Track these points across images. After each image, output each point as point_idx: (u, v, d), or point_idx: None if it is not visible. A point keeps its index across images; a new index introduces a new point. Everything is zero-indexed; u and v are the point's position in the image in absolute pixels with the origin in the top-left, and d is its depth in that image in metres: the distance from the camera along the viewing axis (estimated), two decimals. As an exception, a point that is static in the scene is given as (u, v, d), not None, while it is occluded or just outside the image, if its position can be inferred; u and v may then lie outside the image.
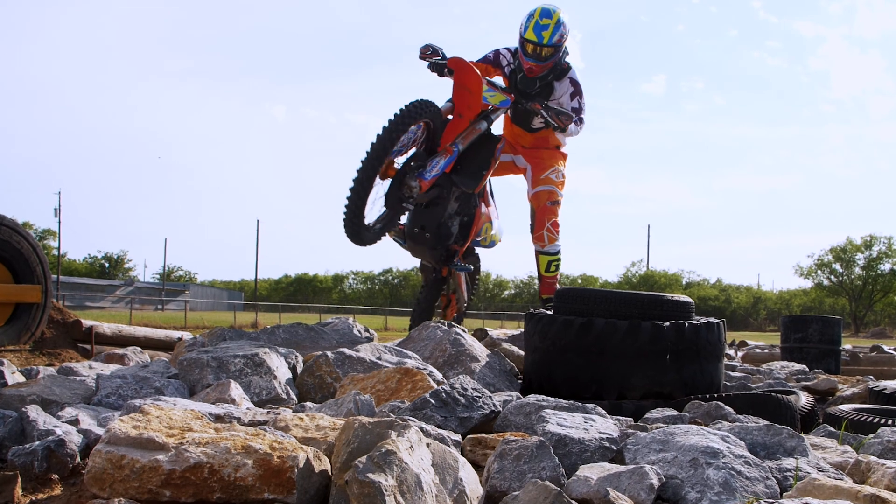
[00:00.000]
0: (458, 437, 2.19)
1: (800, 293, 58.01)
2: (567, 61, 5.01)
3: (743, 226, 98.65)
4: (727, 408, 2.69)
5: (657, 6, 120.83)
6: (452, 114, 4.53)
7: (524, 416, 2.41)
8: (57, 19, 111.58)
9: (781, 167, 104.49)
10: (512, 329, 6.95)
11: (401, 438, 1.67)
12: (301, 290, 68.31)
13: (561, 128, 4.79)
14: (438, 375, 3.08)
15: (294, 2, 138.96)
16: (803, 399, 3.25)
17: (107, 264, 64.56)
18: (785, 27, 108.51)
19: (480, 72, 4.60)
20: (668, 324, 3.11)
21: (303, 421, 2.09)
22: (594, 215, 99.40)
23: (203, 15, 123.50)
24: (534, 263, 5.46)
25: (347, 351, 3.19)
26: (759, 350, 9.73)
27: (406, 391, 2.76)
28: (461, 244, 5.00)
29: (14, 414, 2.23)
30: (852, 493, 1.65)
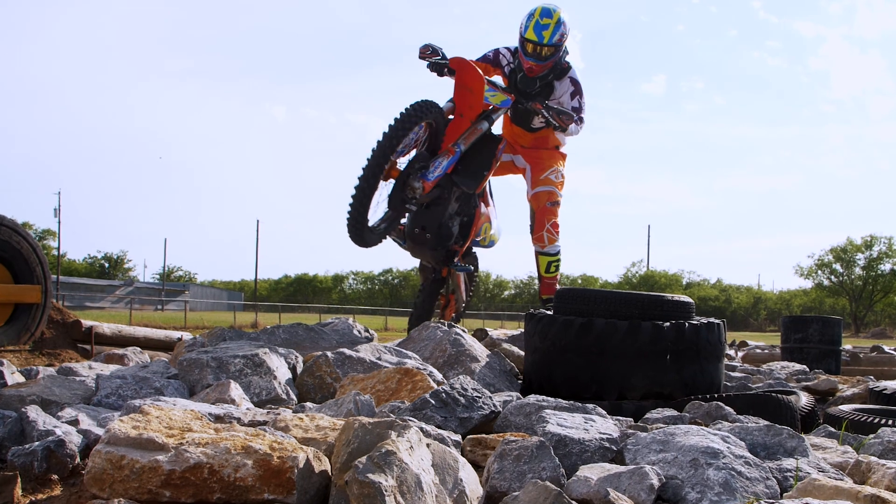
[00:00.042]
0: (458, 437, 2.19)
1: (800, 293, 58.03)
2: (567, 61, 5.01)
3: (743, 226, 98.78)
4: (727, 408, 2.69)
5: (657, 6, 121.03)
6: (453, 114, 4.53)
7: (524, 417, 2.41)
8: (57, 19, 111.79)
9: (781, 167, 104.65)
10: (512, 329, 6.95)
11: (401, 439, 1.67)
12: (301, 291, 68.31)
13: (562, 127, 4.78)
14: (438, 376, 3.08)
15: (294, 2, 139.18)
16: (803, 399, 3.25)
17: (106, 264, 64.56)
18: (785, 27, 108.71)
19: (481, 71, 4.60)
20: (668, 324, 3.11)
21: (303, 421, 2.09)
22: (594, 215, 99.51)
23: (203, 15, 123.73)
24: (534, 264, 5.46)
25: (347, 351, 3.19)
26: (759, 350, 9.73)
27: (406, 391, 2.76)
28: (461, 244, 5.00)
29: (14, 414, 2.23)
30: (852, 494, 1.64)
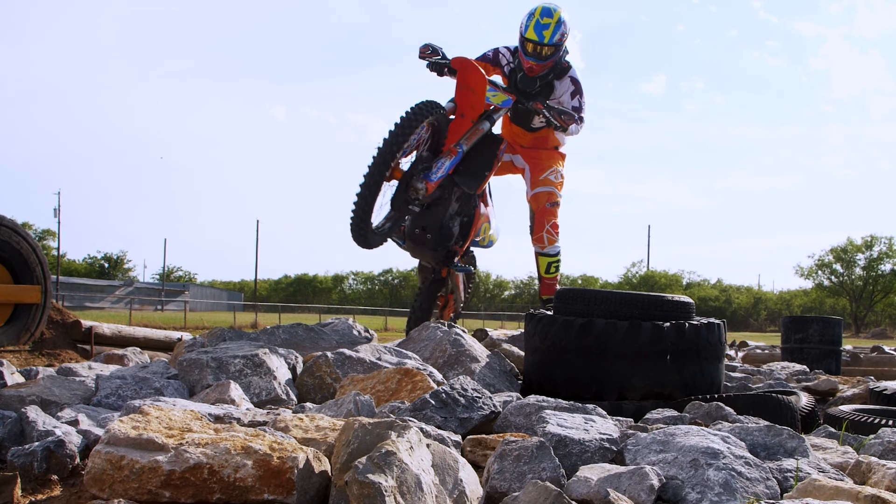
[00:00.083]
0: (458, 437, 2.19)
1: (800, 294, 58.03)
2: (567, 60, 5.00)
3: (743, 226, 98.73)
4: (727, 408, 2.69)
5: (657, 6, 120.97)
6: (454, 114, 4.52)
7: (524, 417, 2.41)
8: (57, 19, 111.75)
9: (781, 167, 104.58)
10: (512, 329, 6.95)
11: (401, 439, 1.67)
12: (301, 291, 68.31)
13: (563, 127, 4.77)
14: (438, 376, 3.08)
15: (294, 2, 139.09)
16: (804, 400, 3.25)
17: (106, 265, 64.51)
18: (785, 27, 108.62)
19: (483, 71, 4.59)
20: (668, 324, 3.10)
21: (302, 422, 2.09)
22: (594, 215, 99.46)
23: (203, 15, 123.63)
24: (534, 264, 5.46)
25: (347, 351, 3.18)
26: (759, 350, 9.73)
27: (406, 392, 2.76)
28: (461, 245, 4.99)
29: (13, 415, 2.23)
30: (853, 494, 1.64)
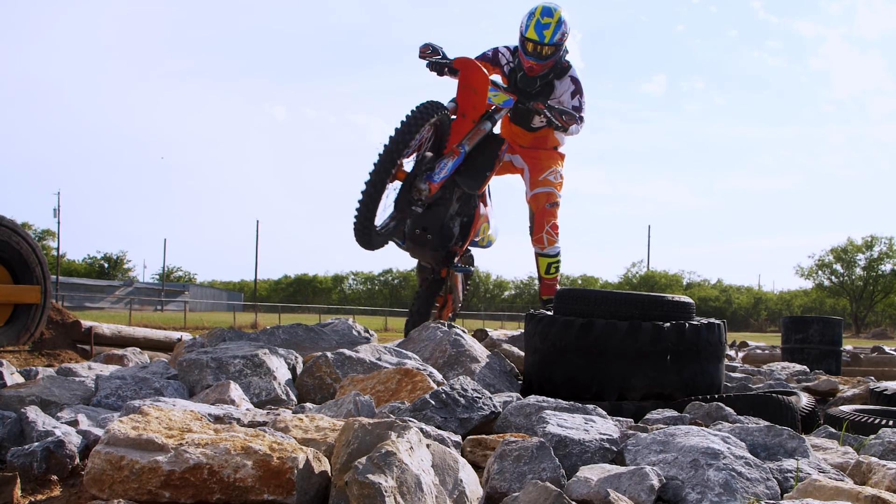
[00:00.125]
0: (458, 438, 2.19)
1: (800, 294, 58.03)
2: (567, 60, 5.00)
3: (743, 226, 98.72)
4: (728, 409, 2.69)
5: (657, 6, 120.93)
6: (455, 114, 4.52)
7: (524, 417, 2.41)
8: (57, 19, 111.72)
9: (781, 167, 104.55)
10: (512, 330, 6.95)
11: (401, 439, 1.67)
12: (301, 291, 68.30)
13: (564, 128, 4.76)
14: (438, 376, 3.08)
15: (294, 2, 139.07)
16: (804, 400, 3.25)
17: (106, 265, 64.50)
18: (785, 27, 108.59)
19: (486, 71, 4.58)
20: (668, 324, 3.10)
21: (302, 422, 2.08)
22: (594, 215, 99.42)
23: (203, 15, 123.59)
24: (534, 264, 5.46)
25: (347, 352, 3.18)
26: (759, 351, 9.73)
27: (406, 392, 2.76)
28: (461, 245, 4.99)
29: (13, 415, 2.23)
30: (853, 495, 1.64)
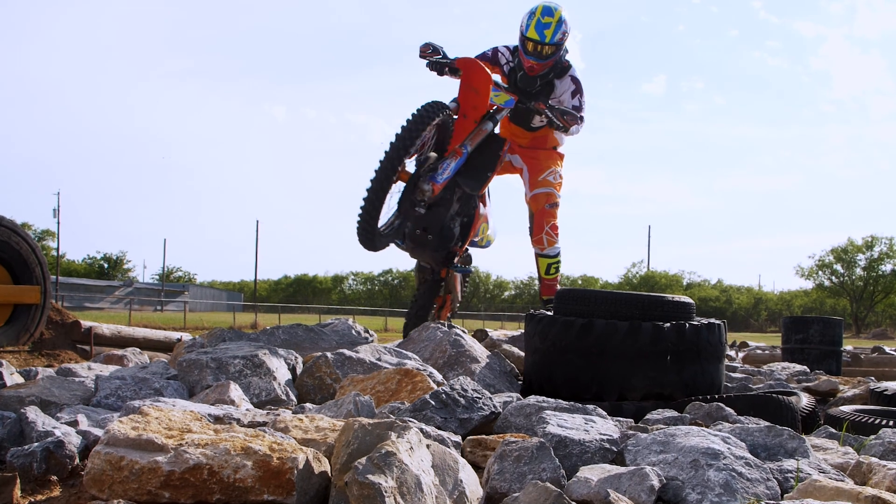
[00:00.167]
0: (458, 438, 2.19)
1: (801, 294, 58.03)
2: (567, 59, 5.00)
3: (743, 226, 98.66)
4: (728, 409, 2.68)
5: (657, 6, 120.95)
6: (457, 114, 4.52)
7: (524, 418, 2.41)
8: (57, 19, 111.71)
9: (782, 167, 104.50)
10: (512, 330, 6.95)
11: (401, 440, 1.66)
12: (301, 291, 68.29)
13: (565, 128, 4.76)
14: (438, 376, 3.08)
15: (294, 2, 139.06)
16: (804, 400, 3.24)
17: (106, 265, 64.47)
18: (785, 27, 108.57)
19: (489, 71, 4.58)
20: (668, 325, 3.10)
21: (302, 422, 2.08)
22: (594, 216, 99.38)
23: (203, 15, 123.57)
24: (534, 265, 5.45)
25: (347, 352, 3.18)
26: (759, 351, 9.73)
27: (406, 392, 2.75)
28: (461, 245, 4.99)
29: (13, 415, 2.23)
30: (853, 495, 1.64)
